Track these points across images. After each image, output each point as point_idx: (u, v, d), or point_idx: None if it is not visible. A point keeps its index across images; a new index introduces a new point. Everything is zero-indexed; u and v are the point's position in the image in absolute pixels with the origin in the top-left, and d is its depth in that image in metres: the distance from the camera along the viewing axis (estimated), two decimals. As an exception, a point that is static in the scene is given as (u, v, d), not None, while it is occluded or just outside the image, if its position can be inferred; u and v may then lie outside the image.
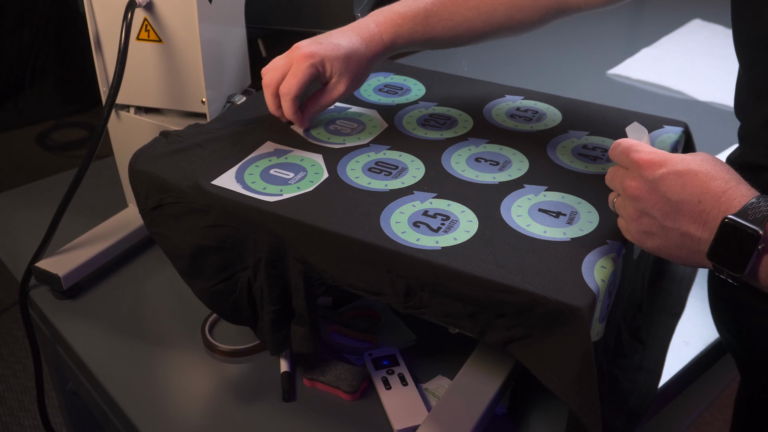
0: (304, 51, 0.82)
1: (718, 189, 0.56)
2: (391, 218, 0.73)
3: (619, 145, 0.63)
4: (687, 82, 1.52)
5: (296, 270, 0.74)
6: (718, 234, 0.55)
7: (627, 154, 0.62)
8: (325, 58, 0.83)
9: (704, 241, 0.57)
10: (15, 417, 1.83)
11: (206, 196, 0.76)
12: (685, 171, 0.57)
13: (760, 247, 0.53)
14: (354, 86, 0.88)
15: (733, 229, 0.54)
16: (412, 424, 0.76)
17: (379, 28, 0.86)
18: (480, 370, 0.77)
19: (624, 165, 0.63)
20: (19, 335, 2.03)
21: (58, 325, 0.92)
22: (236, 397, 0.82)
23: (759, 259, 0.54)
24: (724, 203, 0.55)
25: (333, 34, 0.86)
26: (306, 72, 0.82)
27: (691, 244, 0.58)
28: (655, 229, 0.60)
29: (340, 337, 0.87)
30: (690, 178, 0.57)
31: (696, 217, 0.57)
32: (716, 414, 1.75)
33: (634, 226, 0.62)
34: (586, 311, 0.62)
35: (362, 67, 0.86)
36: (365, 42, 0.86)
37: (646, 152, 0.60)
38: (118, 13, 0.85)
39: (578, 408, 0.65)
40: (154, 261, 1.01)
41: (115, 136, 1.01)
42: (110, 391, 0.83)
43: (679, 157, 0.59)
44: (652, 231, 0.60)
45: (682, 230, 0.58)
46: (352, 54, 0.84)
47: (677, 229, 0.58)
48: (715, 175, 0.57)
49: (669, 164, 0.58)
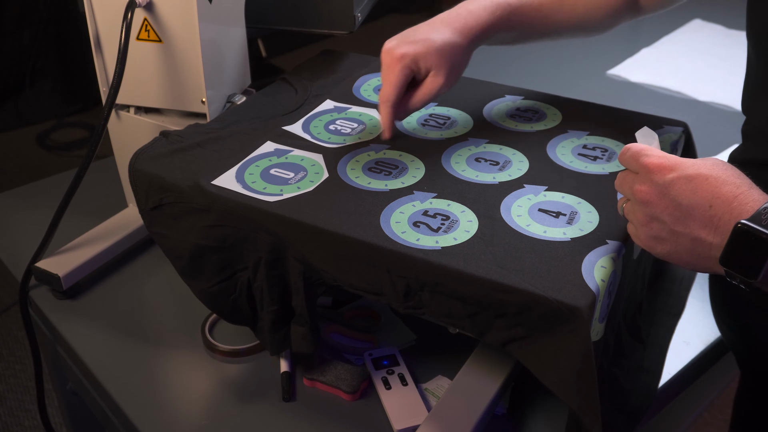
0: (395, 54, 0.79)
1: (730, 194, 0.55)
2: (391, 218, 0.73)
3: (629, 149, 0.63)
4: (687, 82, 1.52)
5: (296, 270, 0.74)
6: (731, 239, 0.54)
7: (637, 158, 0.61)
8: (417, 56, 0.79)
9: (716, 246, 0.56)
10: (15, 417, 1.83)
11: (206, 196, 0.76)
12: (696, 175, 0.57)
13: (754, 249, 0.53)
14: (452, 79, 0.83)
15: (746, 235, 0.53)
16: (412, 424, 0.76)
17: (470, 17, 0.83)
18: (480, 370, 0.77)
19: (634, 169, 0.62)
20: (19, 335, 2.03)
21: (58, 325, 0.92)
22: (236, 397, 0.82)
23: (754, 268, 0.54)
24: (736, 208, 0.55)
25: (421, 29, 0.83)
26: (400, 76, 0.79)
27: (702, 250, 0.57)
28: (665, 234, 0.59)
29: (340, 337, 0.87)
30: (701, 183, 0.56)
31: (707, 222, 0.56)
32: (716, 414, 1.75)
33: (643, 231, 0.61)
34: (586, 311, 0.62)
35: (458, 58, 0.82)
36: (458, 32, 0.82)
37: (656, 156, 0.59)
38: (118, 13, 0.85)
39: (578, 408, 0.65)
40: (154, 261, 1.01)
41: (115, 136, 1.01)
42: (110, 391, 0.83)
43: (690, 161, 0.59)
44: (662, 236, 0.60)
45: (693, 235, 0.57)
46: (446, 46, 0.81)
47: (688, 234, 0.57)
48: (726, 180, 0.56)
49: (679, 169, 0.58)
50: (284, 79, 1.00)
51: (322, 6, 1.05)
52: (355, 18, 1.05)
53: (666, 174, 0.58)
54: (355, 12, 1.04)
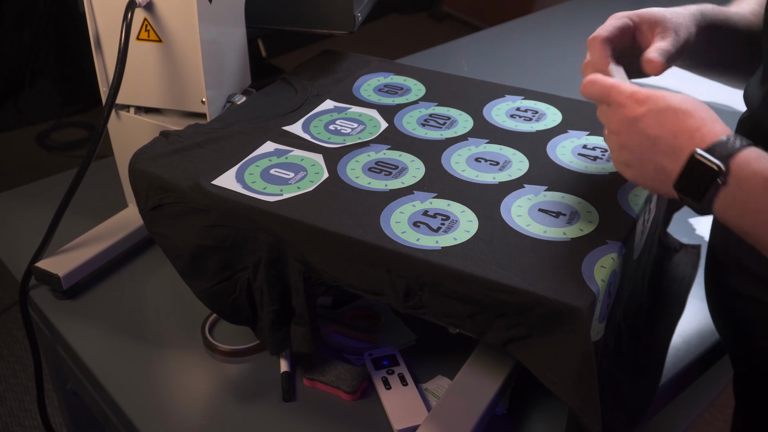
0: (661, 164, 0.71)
1: (693, 126, 0.59)
2: (391, 218, 0.73)
3: (595, 83, 0.66)
4: (687, 82, 1.51)
5: (296, 270, 0.74)
6: (685, 166, 0.59)
7: (609, 94, 0.64)
8: (639, 13, 0.74)
9: (675, 173, 0.60)
10: (15, 417, 1.83)
11: (206, 196, 0.76)
12: (665, 108, 0.61)
13: (719, 180, 0.57)
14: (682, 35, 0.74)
15: (698, 163, 0.58)
16: (412, 424, 0.76)
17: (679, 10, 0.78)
18: (480, 370, 0.77)
19: (606, 103, 0.65)
20: (19, 335, 2.03)
21: (58, 325, 0.92)
22: (236, 397, 0.82)
23: (717, 191, 0.58)
24: (697, 138, 0.59)
25: None
26: (619, 19, 0.74)
27: (663, 177, 0.61)
28: (633, 161, 0.64)
29: (340, 337, 0.87)
30: (668, 116, 0.60)
31: (670, 152, 0.60)
32: (716, 414, 1.75)
33: (616, 156, 0.66)
34: (586, 311, 0.62)
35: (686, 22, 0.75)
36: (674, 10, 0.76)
37: (627, 93, 0.63)
38: (118, 13, 0.85)
39: (578, 408, 0.65)
40: (154, 261, 1.01)
41: (115, 136, 1.01)
42: (110, 391, 0.83)
43: (660, 94, 0.62)
44: (630, 163, 0.64)
45: (658, 164, 0.61)
46: (667, 13, 0.75)
47: (653, 162, 0.62)
48: (692, 113, 0.60)
49: (649, 103, 0.62)
50: (284, 79, 1.00)
51: (322, 6, 1.05)
52: (355, 18, 1.05)
53: (636, 109, 0.62)
54: (355, 12, 1.04)
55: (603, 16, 0.82)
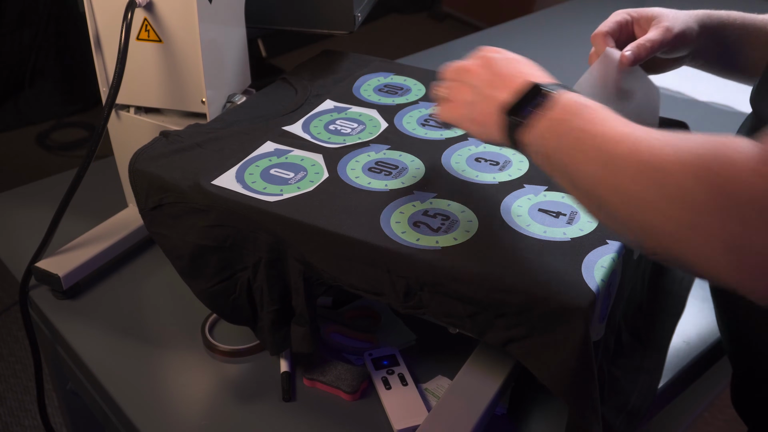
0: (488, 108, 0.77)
1: (536, 74, 0.66)
2: (391, 218, 0.73)
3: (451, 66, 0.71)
4: (687, 82, 1.52)
5: (296, 270, 0.74)
6: (518, 91, 0.64)
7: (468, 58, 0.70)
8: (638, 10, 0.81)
9: (506, 98, 0.65)
10: (15, 417, 1.83)
11: (206, 196, 0.76)
12: (517, 59, 0.69)
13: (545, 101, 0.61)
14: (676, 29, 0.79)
15: (531, 90, 0.63)
16: (412, 424, 0.76)
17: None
18: (480, 370, 0.77)
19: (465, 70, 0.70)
20: (19, 335, 2.03)
21: (58, 325, 0.92)
22: (236, 397, 0.82)
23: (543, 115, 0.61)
24: (534, 78, 0.65)
25: None
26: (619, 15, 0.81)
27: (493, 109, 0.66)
28: (472, 97, 0.68)
29: (340, 337, 0.87)
30: (518, 63, 0.68)
31: (509, 87, 0.65)
32: (716, 414, 1.75)
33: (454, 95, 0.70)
34: (586, 311, 0.62)
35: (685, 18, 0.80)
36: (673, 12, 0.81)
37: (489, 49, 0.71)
38: (118, 13, 0.85)
39: (578, 408, 0.65)
40: (154, 261, 1.01)
41: (115, 136, 1.01)
42: (110, 391, 0.83)
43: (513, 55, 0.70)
44: (468, 99, 0.68)
45: (495, 97, 0.66)
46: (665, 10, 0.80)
47: (492, 96, 0.66)
48: (538, 70, 0.67)
49: (504, 53, 0.70)
50: (284, 79, 1.00)
51: (322, 6, 1.05)
52: (355, 18, 1.05)
53: (494, 53, 0.69)
54: (355, 12, 1.04)
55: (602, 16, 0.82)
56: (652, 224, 0.51)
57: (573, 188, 0.59)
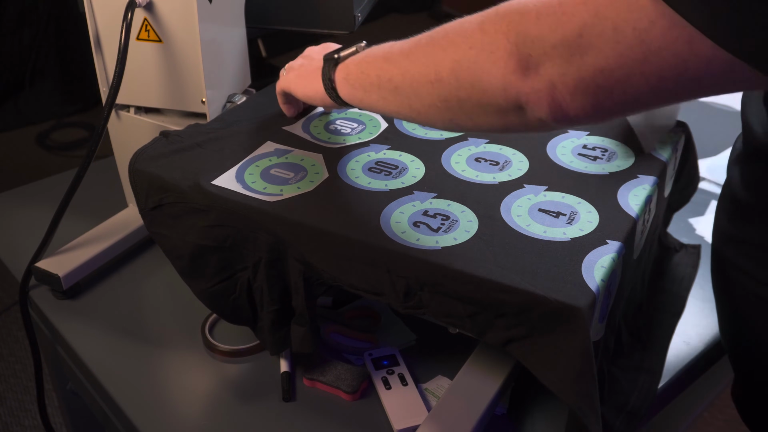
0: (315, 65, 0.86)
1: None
2: (391, 218, 0.73)
3: None
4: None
5: (296, 270, 0.74)
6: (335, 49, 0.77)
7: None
8: None
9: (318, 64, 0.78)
10: (15, 417, 1.83)
11: (206, 196, 0.76)
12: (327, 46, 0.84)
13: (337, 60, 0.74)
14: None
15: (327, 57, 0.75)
16: (412, 424, 0.76)
17: None
18: (480, 370, 0.77)
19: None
20: (19, 335, 2.03)
21: (58, 325, 0.92)
22: (236, 397, 0.82)
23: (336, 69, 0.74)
24: None
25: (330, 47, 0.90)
26: None
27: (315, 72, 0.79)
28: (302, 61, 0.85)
29: (340, 337, 0.87)
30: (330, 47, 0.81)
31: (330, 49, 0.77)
32: (716, 414, 1.75)
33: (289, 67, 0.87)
34: (586, 311, 0.62)
35: None
36: None
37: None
38: (118, 13, 0.85)
39: (578, 408, 0.65)
40: (154, 261, 1.01)
41: (115, 136, 1.01)
42: (110, 391, 0.83)
43: None
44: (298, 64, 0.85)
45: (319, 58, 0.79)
46: None
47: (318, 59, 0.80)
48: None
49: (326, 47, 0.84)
50: (284, 79, 1.00)
51: (322, 6, 1.05)
52: (355, 18, 1.05)
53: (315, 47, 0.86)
54: (355, 12, 1.04)
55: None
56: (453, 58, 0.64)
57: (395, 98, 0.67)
